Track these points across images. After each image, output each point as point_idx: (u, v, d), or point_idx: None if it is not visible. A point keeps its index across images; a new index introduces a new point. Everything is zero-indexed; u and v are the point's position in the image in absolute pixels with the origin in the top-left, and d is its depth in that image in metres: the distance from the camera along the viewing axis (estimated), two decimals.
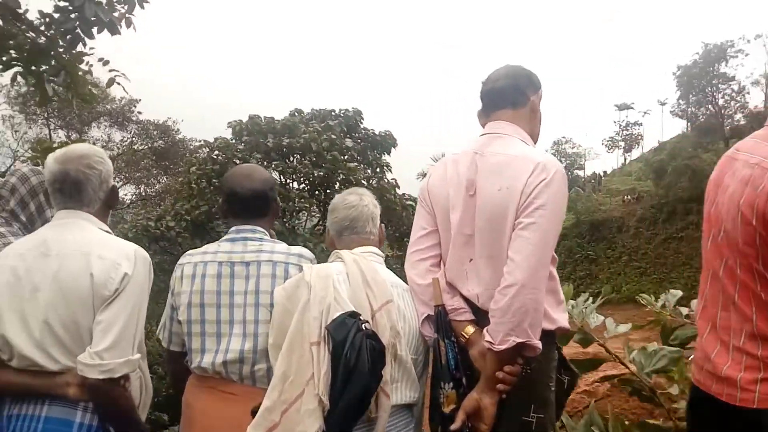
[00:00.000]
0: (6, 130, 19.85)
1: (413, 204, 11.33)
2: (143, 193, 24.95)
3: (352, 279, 1.63)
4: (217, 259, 1.80)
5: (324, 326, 1.48)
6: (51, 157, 1.63)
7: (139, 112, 21.82)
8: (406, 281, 1.80)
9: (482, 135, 1.75)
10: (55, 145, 3.59)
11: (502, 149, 1.65)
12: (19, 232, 1.89)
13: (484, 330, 1.55)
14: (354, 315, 1.50)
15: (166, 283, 2.04)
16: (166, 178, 22.91)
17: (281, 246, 1.84)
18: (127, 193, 25.14)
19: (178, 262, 1.87)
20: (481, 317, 1.64)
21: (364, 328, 1.46)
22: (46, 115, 20.06)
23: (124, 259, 1.55)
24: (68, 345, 1.50)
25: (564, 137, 70.39)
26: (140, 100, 21.56)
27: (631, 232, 34.68)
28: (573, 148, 70.24)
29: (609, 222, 36.28)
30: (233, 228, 1.87)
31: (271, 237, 1.90)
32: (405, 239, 12.49)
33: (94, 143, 20.99)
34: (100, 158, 1.67)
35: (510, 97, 1.74)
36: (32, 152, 3.57)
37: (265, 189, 1.89)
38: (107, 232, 1.67)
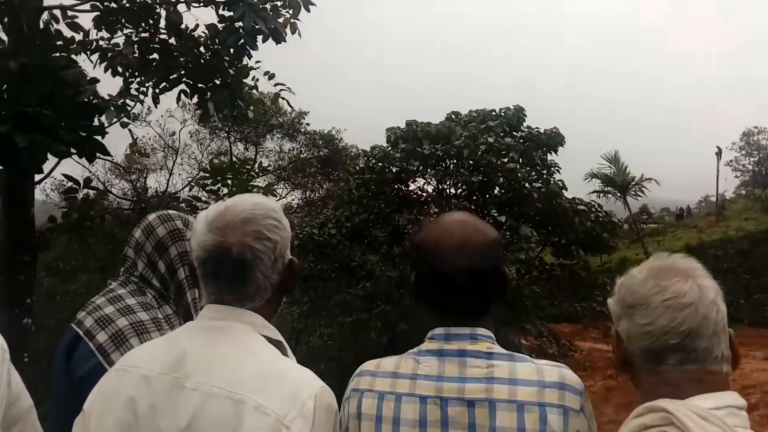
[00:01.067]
0: (192, 143, 22.26)
1: (586, 209, 10.23)
2: (308, 198, 26.47)
3: None
4: (418, 392, 1.09)
5: None
6: (202, 219, 1.11)
7: (308, 124, 23.20)
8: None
9: None
10: (230, 162, 3.59)
11: None
12: (153, 303, 1.48)
13: None
14: None
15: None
16: (329, 183, 24.02)
17: (526, 366, 1.08)
18: (294, 197, 26.91)
19: (352, 386, 1.18)
20: None
21: None
22: (227, 129, 22.20)
23: (296, 414, 0.96)
24: None
25: (756, 127, 60.78)
26: (308, 112, 22.94)
27: None
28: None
29: None
30: (439, 331, 1.14)
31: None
32: (573, 248, 11.40)
33: (266, 155, 22.68)
34: (275, 221, 1.11)
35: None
36: (203, 173, 3.52)
37: (492, 265, 1.13)
38: (277, 341, 1.11)
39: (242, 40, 2.91)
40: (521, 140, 10.74)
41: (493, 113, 11.02)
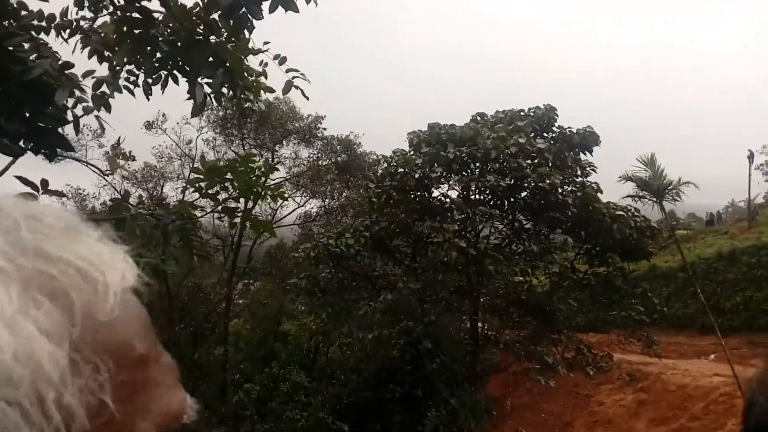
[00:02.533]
0: (210, 150, 21.91)
1: (624, 214, 9.49)
2: (327, 206, 25.98)
3: None
4: None
5: None
6: None
7: (324, 129, 22.69)
8: None
9: None
10: (221, 163, 3.00)
11: None
12: None
13: None
14: None
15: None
16: (348, 191, 23.49)
17: None
18: (312, 206, 26.42)
19: None
20: None
21: None
22: (241, 136, 21.80)
23: None
24: None
25: None
26: (325, 116, 22.40)
27: None
28: None
29: None
30: None
31: None
32: (608, 255, 10.65)
33: (282, 162, 22.19)
34: None
35: None
36: (194, 173, 2.90)
37: None
38: None
39: (243, 8, 2.33)
40: (552, 141, 10.04)
41: (522, 113, 10.33)
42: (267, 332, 26.46)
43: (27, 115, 1.98)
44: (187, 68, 2.59)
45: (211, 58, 2.53)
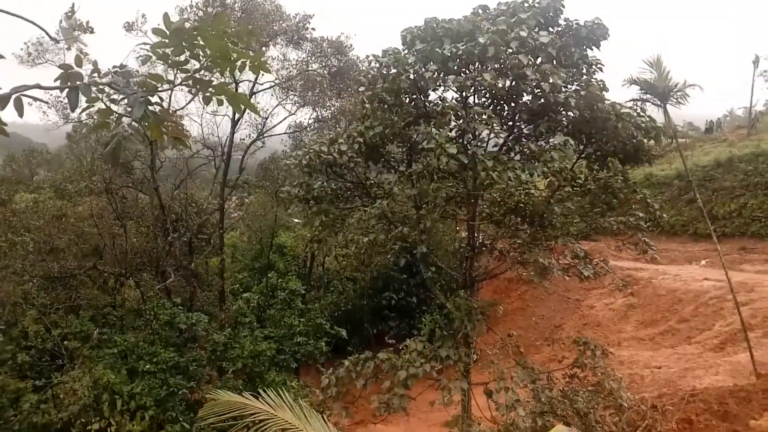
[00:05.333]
0: None
1: (630, 112, 9.01)
2: (319, 116, 25.23)
3: None
4: None
5: None
6: None
7: (313, 29, 21.44)
8: None
9: None
10: (188, 25, 2.55)
11: None
12: None
13: None
14: None
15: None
16: (340, 100, 22.67)
17: None
18: (304, 116, 25.66)
19: None
20: None
21: None
22: None
23: None
24: None
25: None
26: (314, 15, 21.09)
27: None
28: None
29: None
30: None
31: None
32: (610, 160, 10.30)
33: (269, 64, 21.20)
34: None
35: None
36: (156, 35, 2.49)
37: None
38: None
39: None
40: (559, 36, 9.33)
41: (525, 4, 9.53)
42: (263, 244, 26.64)
43: None
44: None
45: None
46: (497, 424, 10.46)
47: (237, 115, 21.70)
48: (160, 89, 3.16)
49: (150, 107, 3.11)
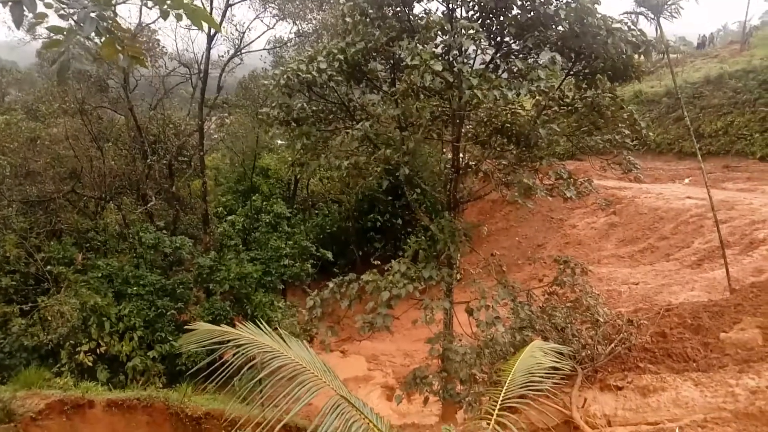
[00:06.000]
0: None
1: (621, 26, 8.60)
2: (300, 30, 24.11)
3: None
4: None
5: None
6: None
7: None
8: None
9: None
10: None
11: None
12: None
13: None
14: None
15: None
16: (322, 13, 21.58)
17: None
18: (284, 30, 24.49)
19: None
20: None
21: None
22: None
23: None
24: None
25: None
26: None
27: None
28: None
29: None
30: None
31: None
32: (598, 77, 9.98)
33: None
34: None
35: None
36: None
37: None
38: None
39: None
40: None
41: None
42: (246, 167, 26.27)
43: None
44: None
45: None
46: (477, 340, 10.80)
47: (213, 30, 20.63)
48: (114, 2, 2.88)
49: (103, 23, 2.88)
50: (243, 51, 23.38)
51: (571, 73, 10.49)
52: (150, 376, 14.87)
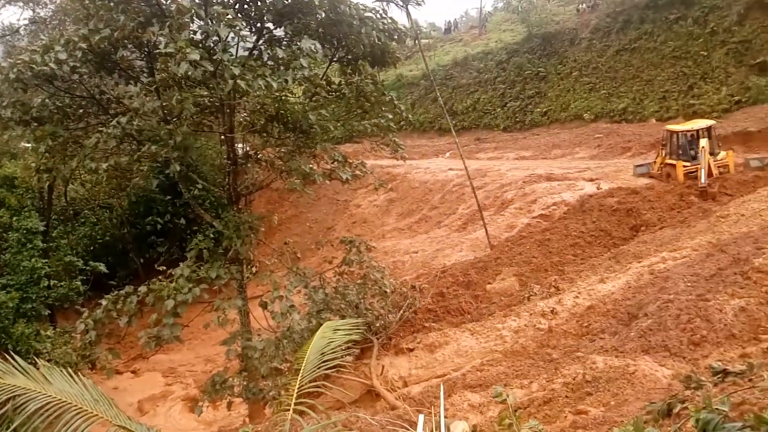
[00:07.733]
0: None
1: (372, 16, 9.11)
2: (35, 16, 20.85)
3: None
4: None
5: None
6: None
7: None
8: None
9: None
10: None
11: None
12: None
13: None
14: None
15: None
16: None
17: None
18: (13, 15, 20.93)
19: None
20: None
21: None
22: None
23: None
24: None
25: None
26: None
27: (584, 45, 33.13)
28: None
29: (561, 35, 34.37)
30: None
31: None
32: (360, 63, 10.48)
33: None
34: None
35: None
36: None
37: None
38: None
39: None
40: None
41: None
42: None
43: None
44: None
45: None
46: (275, 332, 10.74)
47: None
48: None
49: None
50: None
51: (335, 59, 10.84)
52: None
